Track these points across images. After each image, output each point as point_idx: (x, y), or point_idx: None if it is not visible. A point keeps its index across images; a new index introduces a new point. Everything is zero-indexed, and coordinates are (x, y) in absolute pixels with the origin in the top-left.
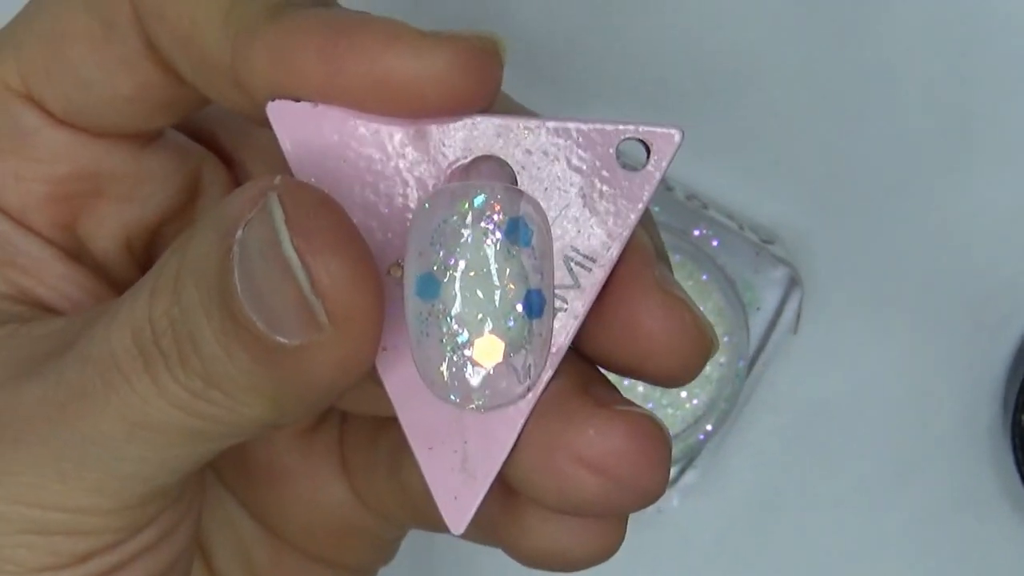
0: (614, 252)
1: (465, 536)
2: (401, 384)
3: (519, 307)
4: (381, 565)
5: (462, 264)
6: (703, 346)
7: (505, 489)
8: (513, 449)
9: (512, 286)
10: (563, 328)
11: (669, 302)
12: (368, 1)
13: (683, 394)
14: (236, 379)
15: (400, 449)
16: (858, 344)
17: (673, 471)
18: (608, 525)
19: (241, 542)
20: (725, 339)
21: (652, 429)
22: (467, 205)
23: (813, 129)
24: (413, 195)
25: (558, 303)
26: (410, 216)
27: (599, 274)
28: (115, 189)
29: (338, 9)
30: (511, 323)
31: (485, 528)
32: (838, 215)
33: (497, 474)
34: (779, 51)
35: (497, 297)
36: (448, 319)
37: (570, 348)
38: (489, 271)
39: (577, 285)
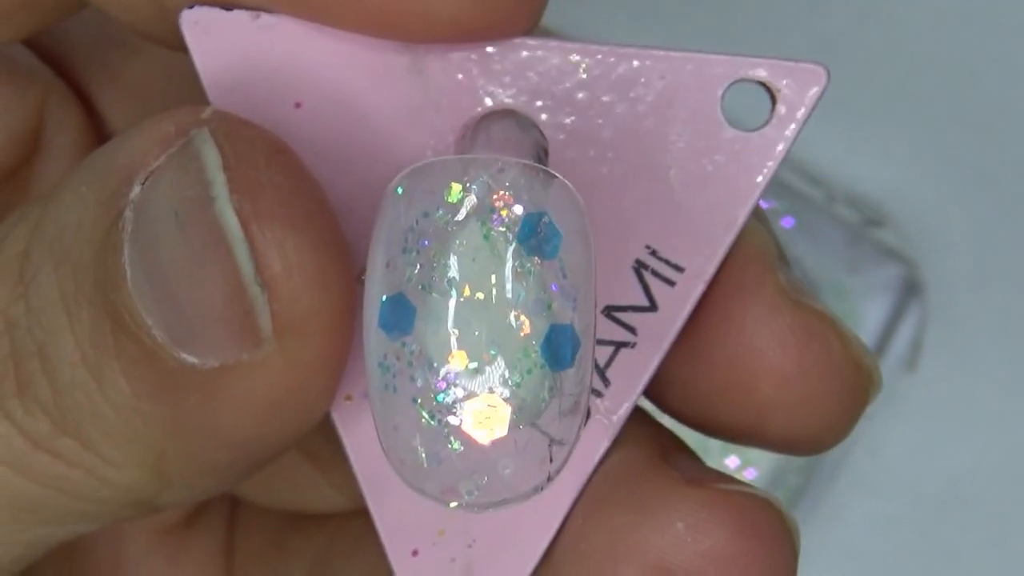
0: (716, 255)
1: None
2: (374, 452)
3: (536, 352)
4: None
5: (449, 284)
6: (861, 388)
7: None
8: (545, 557)
9: (527, 319)
10: (630, 375)
11: (805, 321)
12: None
13: (731, 461)
14: (106, 421)
15: (328, 562)
16: (1010, 390)
17: None
18: None
19: None
20: None
21: (772, 520)
22: (461, 192)
23: (949, 51)
24: (401, 161)
25: (623, 335)
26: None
27: (691, 289)
28: None
29: None
30: (524, 376)
31: None
32: (983, 187)
33: None
34: None
35: (502, 336)
36: (426, 367)
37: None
38: (491, 296)
39: (653, 307)
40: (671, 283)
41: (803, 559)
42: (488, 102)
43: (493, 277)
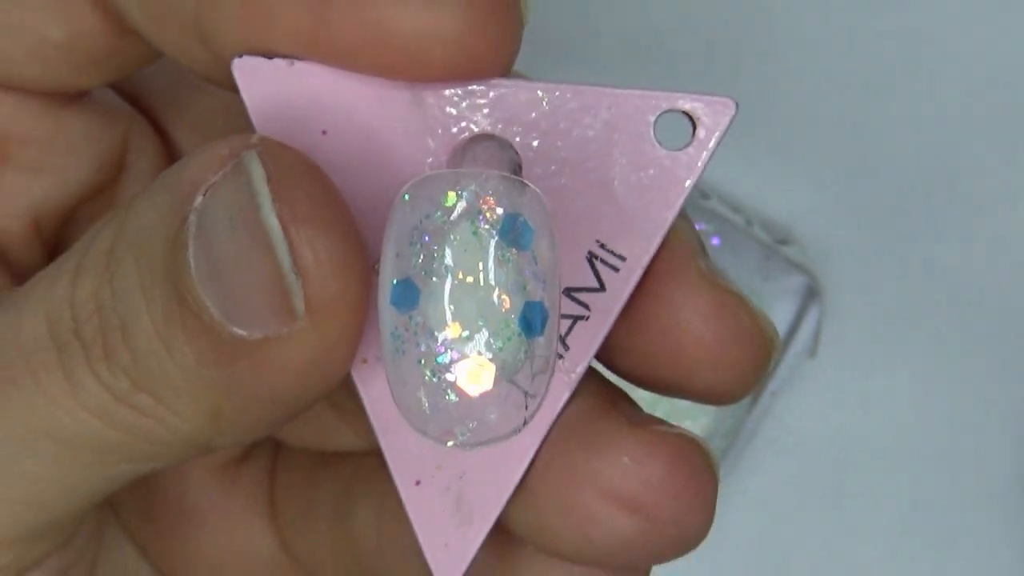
0: (650, 247)
1: None
2: (385, 404)
3: (514, 323)
4: None
5: (446, 270)
6: (764, 351)
7: (497, 535)
8: (520, 485)
9: (507, 298)
10: (585, 341)
11: (720, 299)
12: None
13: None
14: (173, 381)
15: (351, 490)
16: (890, 373)
17: None
18: None
19: None
20: None
21: (699, 456)
22: (454, 198)
23: (840, 106)
24: (405, 175)
25: (579, 311)
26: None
27: (632, 274)
28: (26, 156)
29: None
30: (504, 343)
31: None
32: (869, 213)
33: (498, 517)
34: (798, 6)
35: (488, 311)
36: (428, 335)
37: (591, 366)
38: (478, 279)
39: (602, 288)
40: (616, 269)
41: (726, 505)
42: (473, 128)
43: (480, 264)
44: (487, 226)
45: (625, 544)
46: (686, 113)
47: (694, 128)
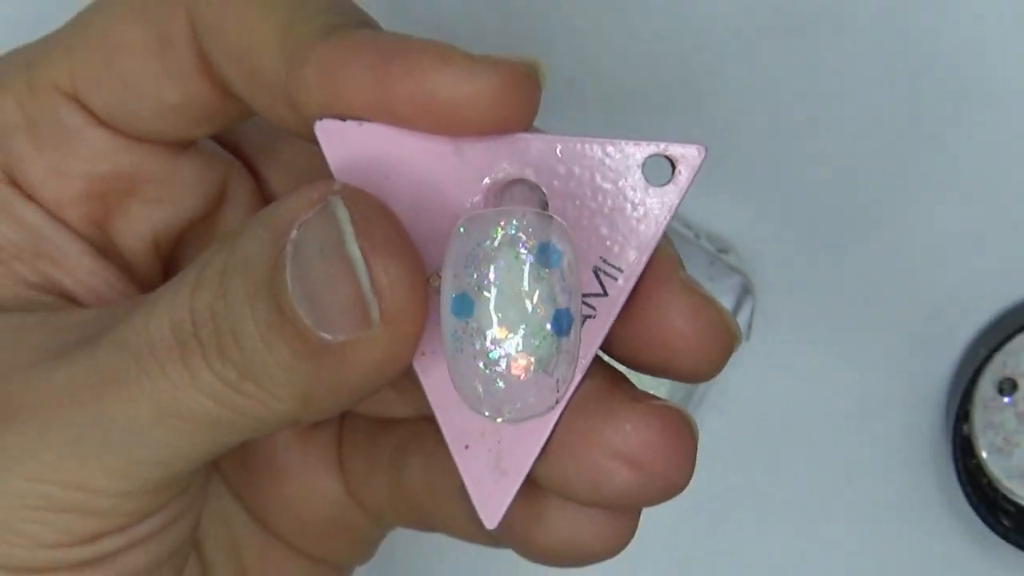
0: (641, 261)
1: (475, 537)
2: (439, 387)
3: (548, 326)
4: (360, 563)
5: (495, 286)
6: (730, 342)
7: (528, 486)
8: (544, 447)
9: (541, 307)
10: (592, 334)
11: (697, 302)
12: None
13: None
14: (272, 373)
15: (403, 448)
16: (807, 352)
17: None
18: (625, 518)
19: (232, 534)
20: None
21: (684, 424)
22: (499, 230)
23: (769, 144)
24: (451, 211)
25: (587, 310)
26: (448, 230)
27: (628, 282)
28: (148, 191)
29: (388, 31)
30: (540, 341)
31: (500, 525)
32: (790, 228)
33: (528, 472)
34: (738, 65)
35: (527, 317)
36: (481, 337)
37: (597, 354)
38: (520, 293)
39: (605, 293)
40: (615, 279)
41: None
42: (505, 172)
43: (521, 282)
44: (525, 251)
45: (626, 492)
46: (667, 157)
47: (673, 168)
